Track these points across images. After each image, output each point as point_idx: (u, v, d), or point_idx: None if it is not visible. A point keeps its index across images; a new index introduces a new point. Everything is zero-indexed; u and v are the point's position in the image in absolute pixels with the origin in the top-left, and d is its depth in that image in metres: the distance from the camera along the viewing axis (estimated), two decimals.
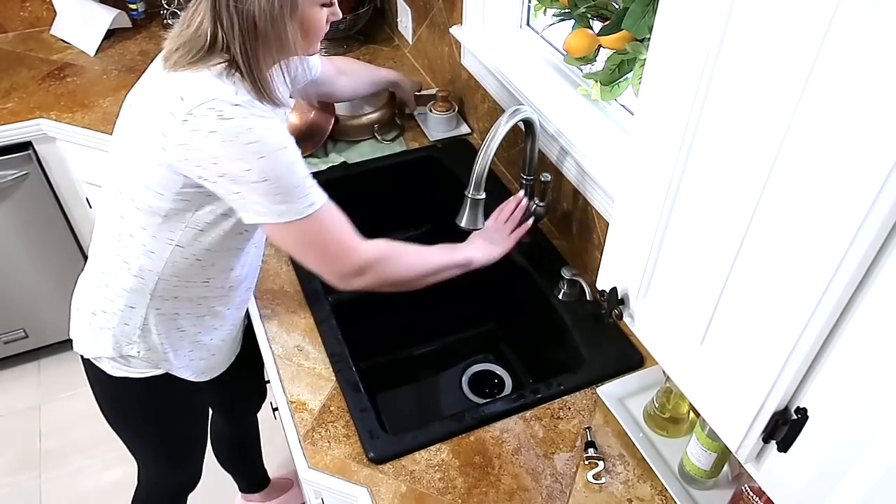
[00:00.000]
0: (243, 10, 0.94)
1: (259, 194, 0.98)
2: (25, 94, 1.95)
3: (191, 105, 0.95)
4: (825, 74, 0.51)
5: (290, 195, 1.00)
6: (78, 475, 2.12)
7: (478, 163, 1.26)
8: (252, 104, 0.98)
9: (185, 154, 0.97)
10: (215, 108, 0.94)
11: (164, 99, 0.98)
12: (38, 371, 2.39)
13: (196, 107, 0.95)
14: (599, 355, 1.28)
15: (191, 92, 0.96)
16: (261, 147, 0.95)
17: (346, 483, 1.09)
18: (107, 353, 1.19)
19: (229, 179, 0.97)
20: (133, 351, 1.19)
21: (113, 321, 1.17)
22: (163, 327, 1.18)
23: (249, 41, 0.96)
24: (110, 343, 1.18)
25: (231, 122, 0.94)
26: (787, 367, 0.60)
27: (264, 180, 0.97)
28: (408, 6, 2.07)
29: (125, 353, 1.19)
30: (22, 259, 2.10)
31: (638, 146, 0.75)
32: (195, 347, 1.24)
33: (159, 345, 1.19)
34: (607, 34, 1.18)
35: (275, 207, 1.00)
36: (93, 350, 1.21)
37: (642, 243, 0.79)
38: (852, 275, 0.52)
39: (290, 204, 1.00)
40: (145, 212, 1.06)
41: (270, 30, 0.96)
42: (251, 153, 0.95)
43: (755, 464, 0.69)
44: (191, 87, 0.96)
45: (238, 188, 0.98)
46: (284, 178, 0.99)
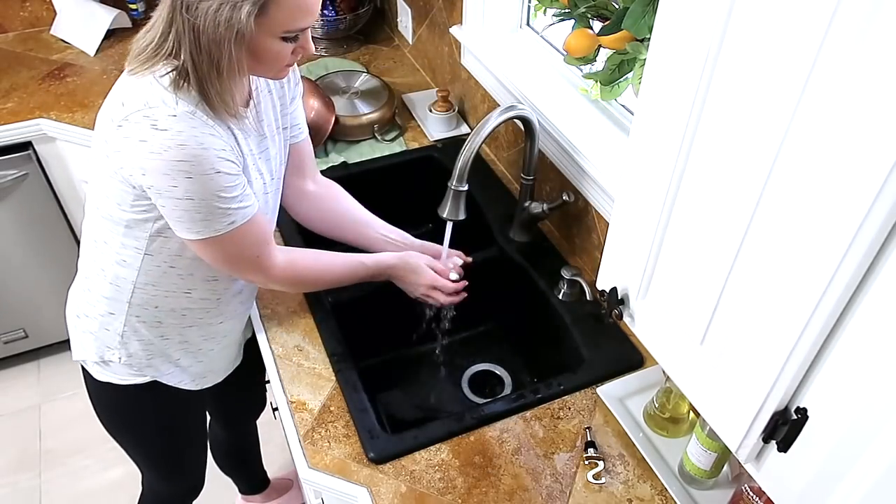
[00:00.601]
0: (193, 23, 0.91)
1: (181, 210, 0.97)
2: (25, 94, 1.95)
3: (127, 111, 0.93)
4: (825, 74, 0.51)
5: (211, 215, 0.98)
6: (78, 475, 2.12)
7: (462, 155, 1.26)
8: (192, 116, 0.94)
9: (121, 161, 0.96)
10: (150, 116, 0.92)
11: (109, 104, 0.98)
12: (38, 371, 2.39)
13: (132, 113, 0.93)
14: (599, 355, 1.28)
15: (130, 97, 0.94)
16: (190, 167, 0.93)
17: (346, 483, 1.09)
18: (91, 357, 1.19)
19: (155, 191, 0.96)
20: (114, 357, 1.18)
21: (94, 325, 1.17)
22: (145, 335, 1.17)
23: (197, 53, 0.93)
24: (93, 347, 1.18)
25: (163, 133, 0.92)
26: (787, 367, 0.60)
27: (188, 199, 0.95)
28: (408, 6, 2.07)
29: (106, 359, 1.19)
30: (22, 259, 2.10)
31: (638, 146, 0.75)
32: (183, 356, 1.23)
33: (141, 351, 1.18)
34: (607, 34, 1.18)
35: (193, 225, 0.99)
36: (79, 353, 1.22)
37: (642, 243, 0.79)
38: (852, 275, 0.52)
39: (209, 223, 0.99)
40: (109, 220, 1.06)
41: (214, 49, 0.92)
42: (179, 171, 0.93)
43: (755, 464, 0.69)
44: (131, 92, 0.95)
45: (163, 201, 0.97)
46: (209, 200, 0.97)
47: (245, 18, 0.89)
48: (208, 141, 0.95)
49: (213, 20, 0.89)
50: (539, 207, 1.43)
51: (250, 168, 1.07)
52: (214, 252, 1.05)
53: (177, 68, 0.95)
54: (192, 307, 1.17)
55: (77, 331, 1.21)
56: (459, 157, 1.27)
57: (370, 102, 1.81)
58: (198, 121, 0.95)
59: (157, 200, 0.98)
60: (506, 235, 1.52)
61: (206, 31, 0.90)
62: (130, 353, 1.18)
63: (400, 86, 2.01)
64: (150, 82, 0.95)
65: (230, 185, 0.99)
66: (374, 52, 2.20)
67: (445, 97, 1.80)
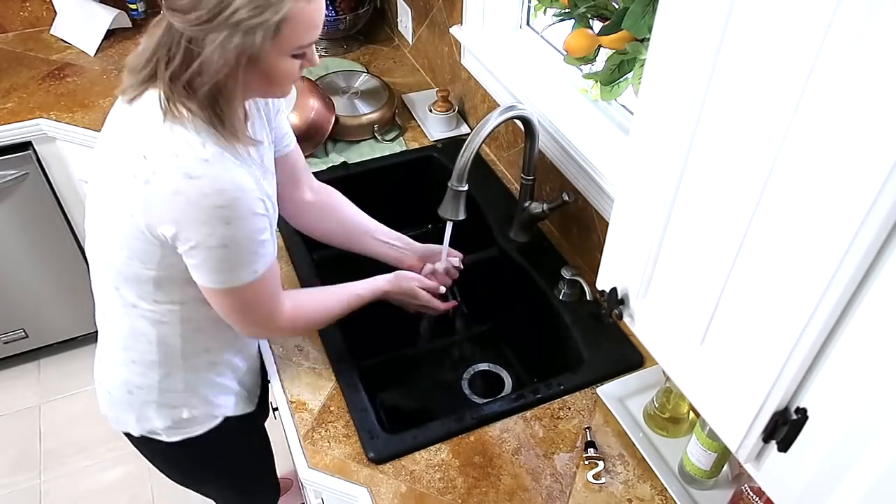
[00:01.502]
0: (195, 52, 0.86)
1: (214, 260, 0.93)
2: (25, 94, 1.95)
3: (154, 164, 0.88)
4: (825, 74, 0.51)
5: (240, 263, 0.95)
6: (78, 475, 2.12)
7: (462, 155, 1.26)
8: (222, 156, 0.90)
9: (149, 217, 0.90)
10: (180, 165, 0.87)
11: (127, 159, 0.91)
12: (38, 371, 2.39)
13: (160, 166, 0.88)
14: (599, 355, 1.28)
15: (153, 149, 0.89)
16: (229, 213, 0.89)
17: (346, 483, 1.09)
18: (160, 425, 1.15)
19: (188, 244, 0.91)
20: (186, 414, 1.15)
21: (153, 394, 1.12)
22: (205, 378, 1.14)
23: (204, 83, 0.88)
24: (158, 415, 1.14)
25: (199, 181, 0.87)
26: (787, 367, 0.60)
27: (223, 246, 0.91)
28: (408, 6, 2.07)
29: (177, 418, 1.15)
30: (22, 259, 2.10)
31: (638, 146, 0.75)
32: (238, 383, 1.22)
33: (208, 395, 1.16)
34: (607, 34, 1.18)
35: (220, 275, 0.95)
36: (141, 427, 1.16)
37: (642, 243, 0.79)
38: (852, 275, 0.52)
39: (237, 272, 0.95)
40: (136, 282, 1.00)
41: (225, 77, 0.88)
42: (217, 218, 0.89)
43: (755, 464, 0.69)
44: (153, 143, 0.89)
45: (194, 252, 0.92)
46: (243, 244, 0.93)
47: (260, 42, 0.85)
48: (244, 181, 0.91)
49: (222, 47, 0.85)
50: (539, 207, 1.43)
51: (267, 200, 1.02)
52: (232, 302, 1.00)
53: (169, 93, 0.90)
54: (236, 335, 1.15)
55: (133, 406, 1.14)
56: (459, 157, 1.27)
57: (370, 102, 1.81)
58: (228, 161, 0.90)
59: (186, 252, 0.92)
60: (506, 235, 1.52)
61: (213, 59, 0.86)
62: (199, 402, 1.15)
63: (400, 86, 2.01)
64: (171, 128, 0.89)
65: (263, 228, 0.95)
66: (374, 52, 2.20)
67: (445, 97, 1.80)
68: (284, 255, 1.48)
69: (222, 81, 0.88)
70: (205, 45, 0.85)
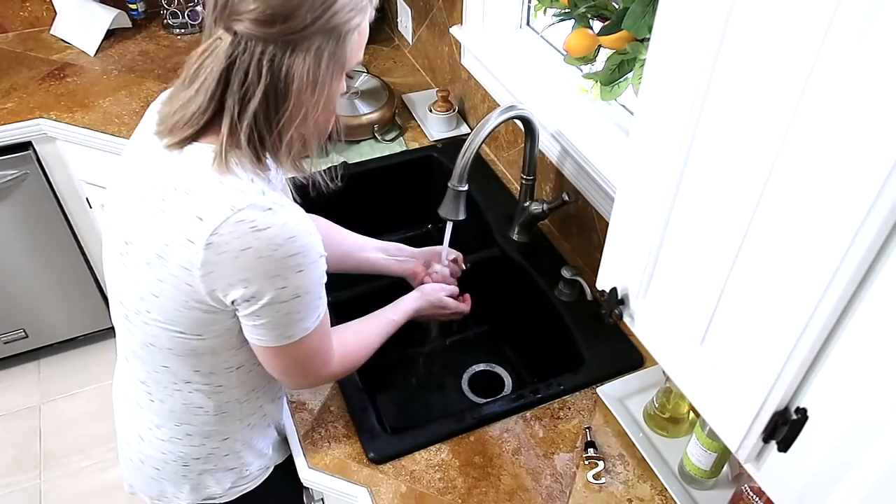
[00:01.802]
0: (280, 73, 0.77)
1: (283, 314, 0.84)
2: (25, 94, 1.95)
3: (213, 224, 0.78)
4: (825, 74, 0.51)
5: (308, 310, 0.87)
6: (78, 475, 2.12)
7: (462, 155, 1.26)
8: (283, 201, 0.82)
9: (212, 283, 0.81)
10: (245, 219, 0.78)
11: (177, 224, 0.81)
12: (38, 371, 2.39)
13: (220, 224, 0.78)
14: (599, 355, 1.28)
15: (209, 209, 0.79)
16: (301, 259, 0.81)
17: (346, 483, 1.09)
18: (217, 491, 1.11)
19: (254, 301, 0.82)
20: (245, 472, 1.12)
21: (213, 461, 1.08)
22: (258, 432, 1.11)
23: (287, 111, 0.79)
24: (216, 480, 1.10)
25: (268, 231, 0.79)
26: (787, 367, 0.60)
27: (295, 297, 0.84)
28: (408, 6, 2.07)
29: (237, 478, 1.12)
30: (22, 259, 2.10)
31: (638, 146, 0.75)
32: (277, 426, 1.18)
33: (262, 448, 1.13)
34: (607, 34, 1.18)
35: (286, 330, 0.87)
36: (201, 494, 1.12)
37: (642, 243, 0.79)
38: (852, 274, 0.52)
39: (303, 322, 0.88)
40: (191, 356, 0.93)
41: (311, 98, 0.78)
42: (290, 267, 0.81)
43: (755, 464, 0.69)
44: (207, 202, 0.79)
45: (261, 311, 0.83)
46: (314, 291, 0.86)
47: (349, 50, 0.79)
48: (306, 223, 0.83)
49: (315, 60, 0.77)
50: (539, 207, 1.43)
51: None
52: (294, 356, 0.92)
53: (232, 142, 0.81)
54: (280, 385, 1.11)
55: (189, 478, 1.09)
56: (459, 157, 1.27)
57: (370, 102, 1.81)
58: (287, 204, 0.83)
59: (254, 312, 0.84)
60: (506, 235, 1.52)
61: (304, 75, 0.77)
62: (254, 457, 1.12)
63: (400, 86, 2.01)
64: (222, 181, 0.80)
65: (325, 269, 0.88)
66: (374, 52, 2.20)
67: (445, 97, 1.80)
68: None
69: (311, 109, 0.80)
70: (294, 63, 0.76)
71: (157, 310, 0.88)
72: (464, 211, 1.31)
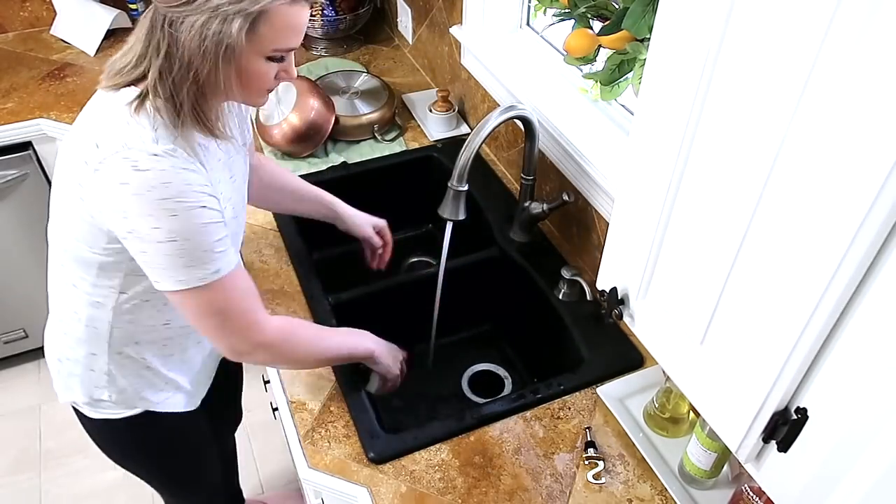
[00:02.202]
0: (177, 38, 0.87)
1: (164, 255, 0.91)
2: (25, 94, 1.95)
3: (104, 153, 0.88)
4: (825, 74, 0.51)
5: (195, 260, 0.92)
6: (78, 475, 2.12)
7: (462, 155, 1.26)
8: (174, 153, 0.90)
9: (99, 206, 0.91)
10: (130, 157, 0.87)
11: (81, 145, 0.92)
12: (38, 371, 2.39)
13: (109, 156, 0.88)
14: (599, 355, 1.28)
15: (106, 139, 0.89)
16: (175, 204, 0.89)
17: (346, 483, 1.09)
18: (80, 399, 1.16)
19: (136, 237, 0.90)
20: (104, 395, 1.15)
21: (78, 368, 1.14)
22: (130, 370, 1.14)
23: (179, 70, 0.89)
24: (80, 389, 1.15)
25: (146, 174, 0.87)
26: (787, 367, 0.60)
27: (171, 241, 0.90)
28: (408, 6, 2.07)
29: (96, 398, 1.16)
30: (22, 259, 2.10)
31: (638, 146, 0.75)
32: (170, 384, 1.20)
33: (129, 386, 1.15)
34: (607, 34, 1.18)
35: (175, 273, 0.93)
36: (66, 395, 1.18)
37: (642, 243, 0.79)
38: (852, 275, 0.52)
39: (194, 270, 0.93)
40: (80, 263, 1.01)
41: (200, 64, 0.88)
42: (163, 210, 0.88)
43: (755, 464, 0.69)
44: (106, 133, 0.90)
45: (144, 247, 0.91)
46: (194, 240, 0.92)
47: (236, 33, 0.85)
48: (191, 178, 0.91)
49: (200, 34, 0.85)
50: (539, 207, 1.43)
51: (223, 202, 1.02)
52: (198, 306, 0.97)
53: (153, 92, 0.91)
54: (172, 336, 1.14)
55: (61, 374, 1.17)
56: (459, 157, 1.27)
57: (370, 102, 1.81)
58: (179, 158, 0.91)
59: (136, 248, 0.92)
60: (506, 235, 1.52)
61: (192, 45, 0.86)
62: (120, 390, 1.15)
63: (400, 86, 2.01)
64: (126, 120, 0.90)
65: (215, 223, 0.94)
66: (374, 52, 2.20)
67: (445, 97, 1.80)
68: (284, 256, 1.48)
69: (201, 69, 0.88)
70: (183, 29, 0.86)
71: (62, 214, 0.99)
72: (464, 211, 1.31)
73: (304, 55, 2.17)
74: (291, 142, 1.70)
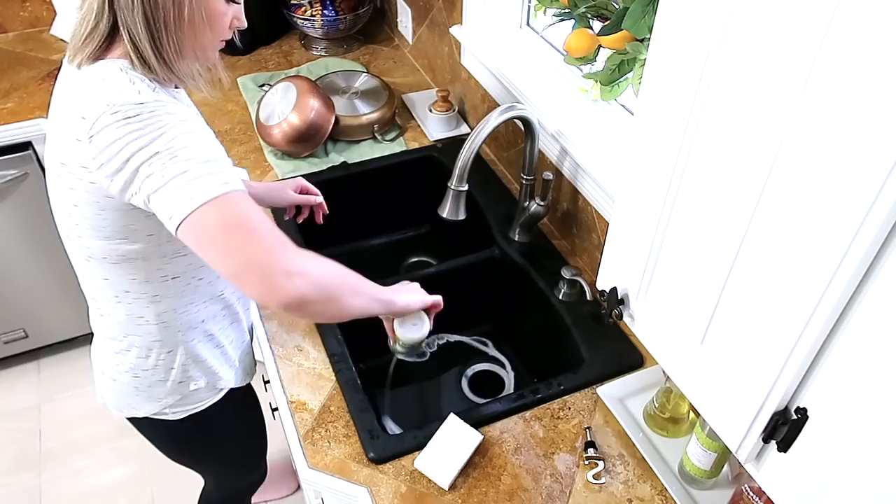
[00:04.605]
0: None
1: (171, 178, 0.85)
2: (25, 94, 1.95)
3: (92, 120, 0.88)
4: (825, 74, 0.51)
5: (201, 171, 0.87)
6: (78, 475, 2.12)
7: (462, 155, 1.26)
8: (158, 100, 0.90)
9: (104, 170, 0.88)
10: (118, 112, 0.87)
11: (67, 128, 0.91)
12: (38, 371, 2.39)
13: (97, 119, 0.87)
14: (599, 355, 1.28)
15: (89, 108, 0.89)
16: (164, 124, 0.88)
17: (346, 483, 1.09)
18: (167, 403, 1.18)
19: (144, 174, 0.86)
20: (192, 386, 1.18)
21: (160, 373, 1.15)
22: (205, 351, 1.17)
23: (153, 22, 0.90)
24: (168, 392, 1.17)
25: (137, 118, 0.87)
26: (787, 367, 0.60)
27: (173, 158, 0.86)
28: (408, 6, 2.07)
29: (186, 392, 1.18)
30: (22, 259, 2.10)
31: (638, 146, 0.75)
32: (236, 354, 1.25)
33: (209, 368, 1.19)
34: (607, 34, 1.18)
35: (186, 192, 0.85)
36: (151, 407, 1.19)
37: (642, 243, 0.79)
38: (852, 275, 0.52)
39: (201, 183, 0.86)
40: (123, 264, 1.01)
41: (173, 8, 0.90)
42: (160, 136, 0.87)
43: (755, 464, 0.69)
44: (88, 103, 0.89)
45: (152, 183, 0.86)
46: (194, 149, 0.88)
47: None
48: (183, 113, 0.92)
49: None
50: (539, 208, 1.43)
51: None
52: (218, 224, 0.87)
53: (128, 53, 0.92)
54: (228, 304, 1.18)
55: (139, 390, 1.17)
56: (459, 157, 1.27)
57: (370, 102, 1.81)
58: (163, 97, 0.92)
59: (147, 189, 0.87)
60: (506, 235, 1.52)
61: None
62: (202, 374, 1.18)
63: (400, 86, 2.01)
64: (103, 84, 0.90)
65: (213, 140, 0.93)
66: (374, 52, 2.20)
67: (445, 97, 1.80)
68: None
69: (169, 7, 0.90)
70: None
71: (82, 219, 0.96)
72: (464, 211, 1.31)
73: (304, 55, 2.18)
74: (291, 142, 1.70)
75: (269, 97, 1.74)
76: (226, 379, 1.23)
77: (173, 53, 0.95)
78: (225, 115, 1.90)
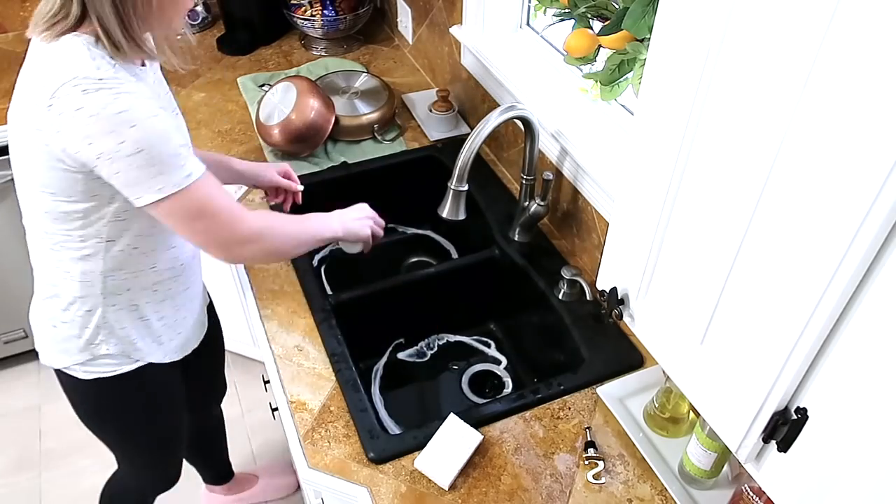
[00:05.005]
0: None
1: (136, 168, 0.95)
2: None
3: (53, 89, 0.92)
4: (825, 74, 0.51)
5: (166, 165, 0.96)
6: (78, 475, 2.12)
7: (462, 155, 1.26)
8: (118, 75, 0.95)
9: (62, 142, 0.94)
10: (78, 84, 0.92)
11: (32, 95, 0.97)
12: (38, 371, 2.39)
13: (58, 89, 0.92)
14: (599, 355, 1.28)
15: (52, 77, 0.93)
16: (130, 116, 0.93)
17: (346, 483, 1.09)
18: (78, 360, 1.19)
19: (107, 158, 0.94)
20: (103, 350, 1.19)
21: (74, 329, 1.17)
22: (125, 320, 1.18)
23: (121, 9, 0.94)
24: (78, 349, 1.18)
25: (97, 94, 0.92)
26: (787, 367, 0.60)
27: (139, 151, 0.94)
28: (408, 6, 2.07)
29: (97, 354, 1.19)
30: (22, 259, 2.10)
31: (638, 146, 0.75)
32: (165, 332, 1.24)
33: (126, 337, 1.19)
34: (607, 34, 1.18)
35: (152, 182, 0.96)
36: (62, 360, 1.21)
37: (642, 243, 0.79)
38: (852, 275, 0.52)
39: (168, 175, 0.97)
40: (62, 219, 1.05)
41: None
42: (121, 123, 0.92)
43: (755, 464, 0.69)
44: (52, 71, 0.94)
45: (116, 166, 0.94)
46: (159, 146, 0.95)
47: None
48: (140, 91, 0.97)
49: None
50: (539, 207, 1.43)
51: None
52: (184, 212, 1.01)
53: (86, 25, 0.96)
54: (161, 279, 1.18)
55: (56, 340, 1.20)
56: (459, 157, 1.27)
57: (370, 102, 1.81)
58: (123, 80, 0.96)
59: (110, 170, 0.95)
60: (506, 236, 1.52)
61: None
62: (118, 340, 1.19)
63: (400, 86, 2.01)
64: (65, 56, 0.94)
65: (173, 129, 0.99)
66: (374, 52, 2.20)
67: (445, 97, 1.80)
68: None
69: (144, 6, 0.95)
70: None
71: (33, 174, 1.02)
72: (464, 211, 1.31)
73: (304, 55, 2.18)
74: (291, 142, 1.70)
75: (269, 97, 1.74)
76: (144, 351, 1.22)
77: (142, 32, 0.99)
78: (225, 115, 1.90)
